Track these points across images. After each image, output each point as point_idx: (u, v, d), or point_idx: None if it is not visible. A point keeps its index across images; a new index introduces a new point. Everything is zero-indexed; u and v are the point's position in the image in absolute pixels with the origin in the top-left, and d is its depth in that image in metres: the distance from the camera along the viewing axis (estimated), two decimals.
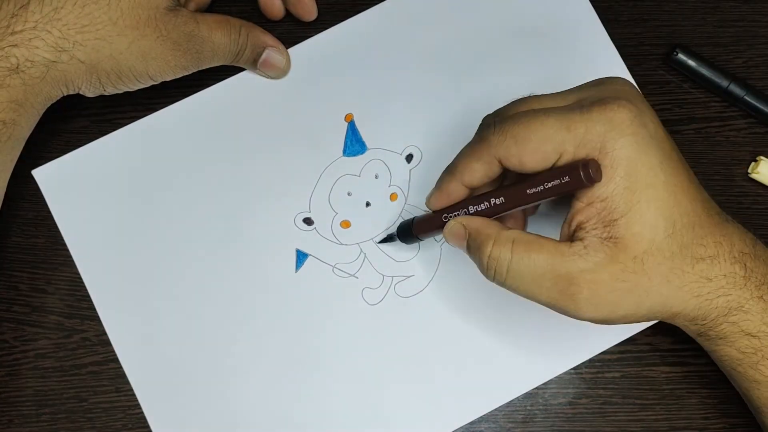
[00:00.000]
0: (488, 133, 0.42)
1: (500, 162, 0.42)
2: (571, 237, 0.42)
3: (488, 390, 0.52)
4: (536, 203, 0.43)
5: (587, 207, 0.41)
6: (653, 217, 0.40)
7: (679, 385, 0.53)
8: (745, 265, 0.42)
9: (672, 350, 0.53)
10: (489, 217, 0.44)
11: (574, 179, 0.40)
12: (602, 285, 0.41)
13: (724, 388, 0.52)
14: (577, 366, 0.52)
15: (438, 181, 0.46)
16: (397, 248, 0.53)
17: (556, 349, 0.52)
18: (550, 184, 0.41)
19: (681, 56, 0.54)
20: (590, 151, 0.40)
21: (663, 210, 0.40)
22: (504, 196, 0.43)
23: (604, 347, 0.52)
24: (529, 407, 0.52)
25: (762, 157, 0.54)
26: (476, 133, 0.44)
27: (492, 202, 0.44)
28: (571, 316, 0.43)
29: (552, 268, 0.41)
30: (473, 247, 0.44)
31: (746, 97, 0.54)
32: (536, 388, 0.52)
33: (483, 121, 0.45)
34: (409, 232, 0.50)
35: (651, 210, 0.40)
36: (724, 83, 0.54)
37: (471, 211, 0.45)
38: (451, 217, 0.45)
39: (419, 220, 0.49)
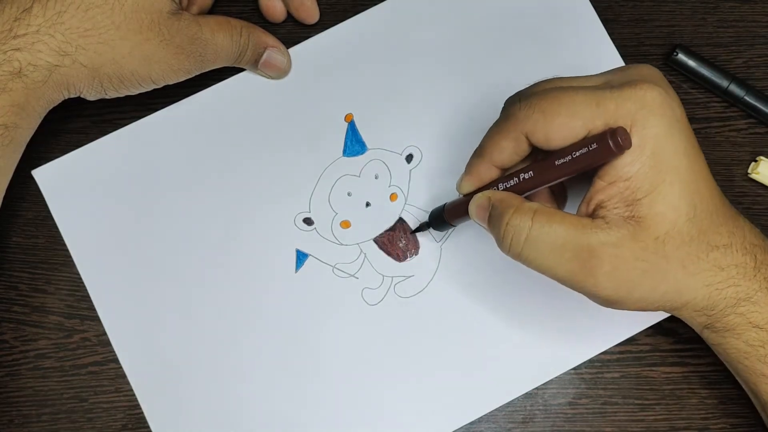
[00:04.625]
0: (515, 109, 0.42)
1: (527, 137, 0.42)
2: (589, 216, 0.42)
3: (488, 390, 0.52)
4: (568, 177, 0.42)
5: (609, 186, 0.40)
6: (676, 198, 0.40)
7: (679, 385, 0.53)
8: (755, 256, 0.43)
9: (672, 350, 0.53)
10: (520, 194, 0.43)
11: (602, 147, 0.39)
12: (623, 261, 0.40)
13: (725, 388, 0.52)
14: (577, 366, 0.52)
15: (467, 164, 0.46)
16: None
17: (556, 349, 0.52)
18: (578, 153, 0.40)
19: (681, 56, 0.54)
20: None
21: (685, 193, 0.40)
22: (533, 170, 0.42)
23: (604, 347, 0.52)
24: (529, 407, 0.52)
25: (762, 157, 0.54)
26: (501, 112, 0.44)
27: (521, 177, 0.43)
28: (587, 293, 0.42)
29: (573, 239, 0.41)
30: (494, 217, 0.43)
31: (746, 97, 0.54)
32: (536, 388, 0.52)
33: (507, 100, 0.44)
34: (441, 218, 0.49)
35: (675, 192, 0.40)
36: (724, 83, 0.54)
37: (500, 188, 0.44)
38: None
39: (450, 205, 0.49)
